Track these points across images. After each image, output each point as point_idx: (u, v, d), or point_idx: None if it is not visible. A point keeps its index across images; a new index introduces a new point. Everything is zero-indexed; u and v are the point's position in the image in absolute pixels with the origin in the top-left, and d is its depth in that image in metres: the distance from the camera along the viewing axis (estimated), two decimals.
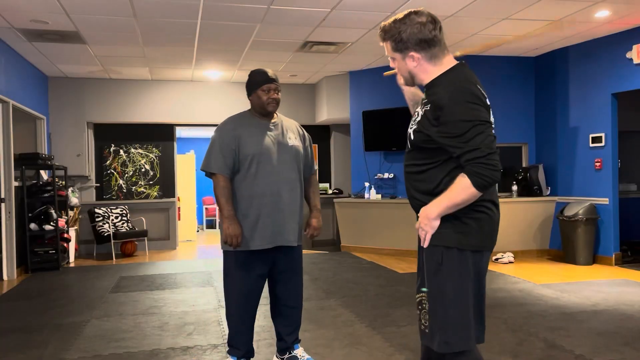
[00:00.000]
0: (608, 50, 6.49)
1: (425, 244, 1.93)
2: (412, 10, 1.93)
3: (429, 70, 1.94)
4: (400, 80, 2.10)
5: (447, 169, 1.90)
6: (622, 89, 6.34)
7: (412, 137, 1.96)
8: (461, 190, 1.81)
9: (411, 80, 2.01)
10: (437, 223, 1.89)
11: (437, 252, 1.90)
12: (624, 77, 6.30)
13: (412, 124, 1.99)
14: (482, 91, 1.89)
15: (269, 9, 5.38)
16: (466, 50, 2.35)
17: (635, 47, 6.11)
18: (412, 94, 2.27)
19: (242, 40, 6.55)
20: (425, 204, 1.94)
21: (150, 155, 8.99)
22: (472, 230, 1.89)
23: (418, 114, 1.96)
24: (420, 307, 1.97)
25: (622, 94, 6.48)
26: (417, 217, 2.02)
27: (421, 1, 4.86)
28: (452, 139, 1.81)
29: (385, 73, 2.39)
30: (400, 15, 1.93)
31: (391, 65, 2.03)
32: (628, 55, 6.21)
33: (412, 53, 1.92)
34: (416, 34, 1.88)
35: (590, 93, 6.77)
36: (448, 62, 1.95)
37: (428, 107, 1.89)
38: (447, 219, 1.88)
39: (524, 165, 7.72)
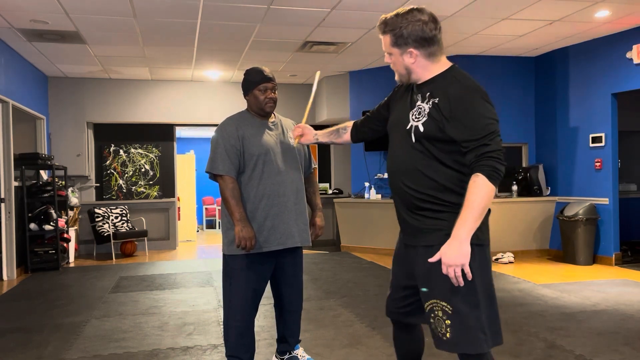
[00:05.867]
0: (608, 50, 6.49)
1: (462, 278, 1.79)
2: (415, 7, 1.94)
3: (428, 67, 1.94)
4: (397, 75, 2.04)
5: (455, 164, 1.89)
6: (622, 89, 6.34)
7: (421, 129, 1.90)
8: (484, 192, 1.75)
9: (407, 77, 1.99)
10: (468, 249, 1.76)
11: None
12: (624, 77, 6.30)
13: (415, 118, 1.93)
14: None
15: (269, 9, 5.38)
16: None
17: (635, 47, 6.11)
18: (329, 138, 2.52)
19: (242, 40, 6.55)
20: (427, 198, 1.90)
21: (150, 155, 8.99)
22: (484, 225, 1.89)
23: (421, 108, 1.92)
24: (433, 314, 1.89)
25: (622, 94, 6.48)
26: (410, 211, 1.97)
27: (421, 1, 4.85)
28: (467, 132, 1.80)
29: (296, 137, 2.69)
30: (402, 10, 1.94)
31: (387, 60, 2.02)
32: (628, 55, 6.21)
33: (410, 49, 1.92)
34: (417, 32, 1.89)
35: (590, 93, 6.76)
36: (445, 61, 1.97)
37: (437, 100, 1.87)
38: None
39: (524, 165, 7.71)
